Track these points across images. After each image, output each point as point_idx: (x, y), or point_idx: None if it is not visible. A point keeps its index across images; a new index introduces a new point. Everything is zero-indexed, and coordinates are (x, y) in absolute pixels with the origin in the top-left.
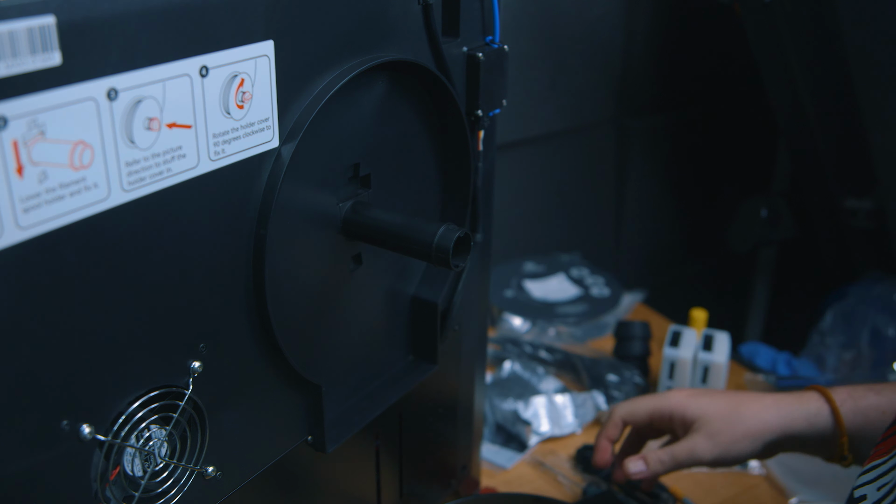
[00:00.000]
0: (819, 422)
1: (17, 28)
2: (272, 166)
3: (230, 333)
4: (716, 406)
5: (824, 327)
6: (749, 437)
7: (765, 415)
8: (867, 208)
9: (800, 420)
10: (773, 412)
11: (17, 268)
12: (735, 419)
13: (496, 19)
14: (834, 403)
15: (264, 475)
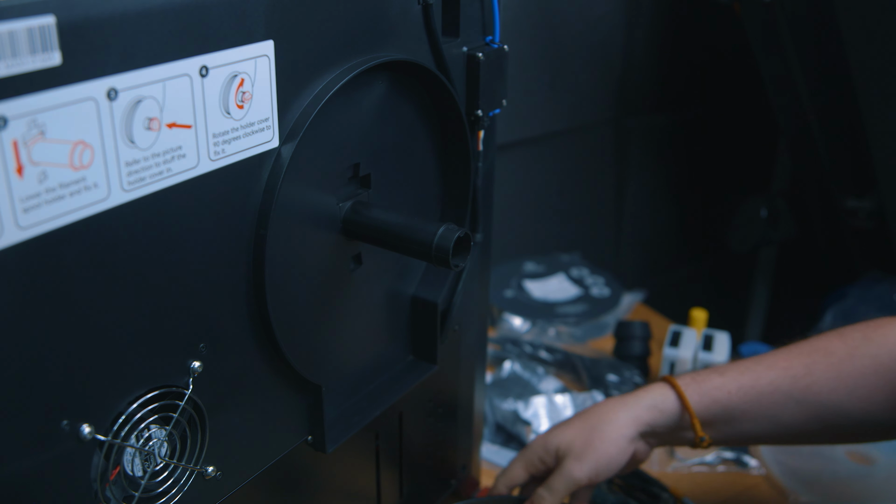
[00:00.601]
0: (667, 407)
1: (17, 28)
2: (272, 166)
3: (230, 333)
4: (572, 430)
5: (824, 327)
6: (610, 443)
7: (615, 416)
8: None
9: (648, 410)
10: (622, 411)
11: (17, 268)
12: (591, 433)
13: (496, 19)
14: (678, 388)
15: (264, 475)
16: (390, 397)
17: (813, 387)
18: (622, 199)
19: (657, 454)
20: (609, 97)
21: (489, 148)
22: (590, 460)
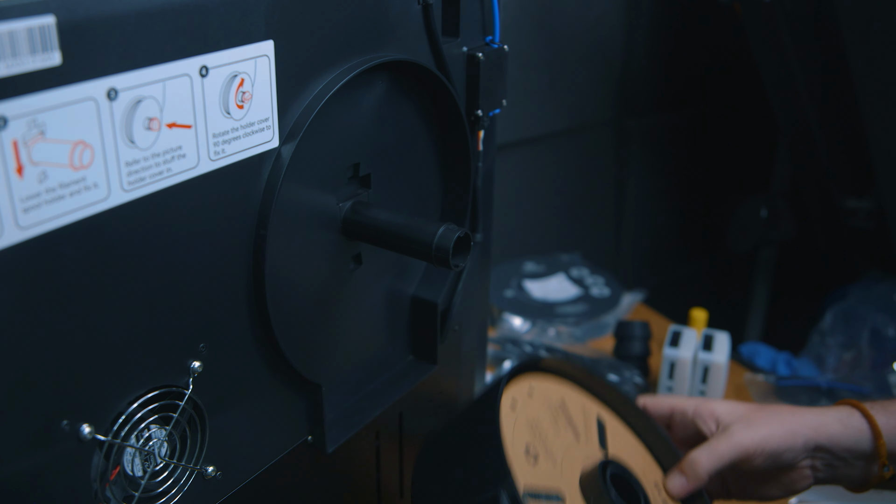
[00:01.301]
0: (853, 424)
1: (17, 28)
2: (272, 166)
3: (230, 333)
4: (744, 405)
5: (824, 327)
6: (786, 429)
7: (798, 412)
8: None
9: (833, 423)
10: (807, 413)
11: (17, 268)
12: (769, 411)
13: (496, 19)
14: (864, 408)
15: (264, 475)
16: (390, 397)
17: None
18: (622, 199)
19: None
20: (609, 97)
21: (489, 148)
22: (762, 433)
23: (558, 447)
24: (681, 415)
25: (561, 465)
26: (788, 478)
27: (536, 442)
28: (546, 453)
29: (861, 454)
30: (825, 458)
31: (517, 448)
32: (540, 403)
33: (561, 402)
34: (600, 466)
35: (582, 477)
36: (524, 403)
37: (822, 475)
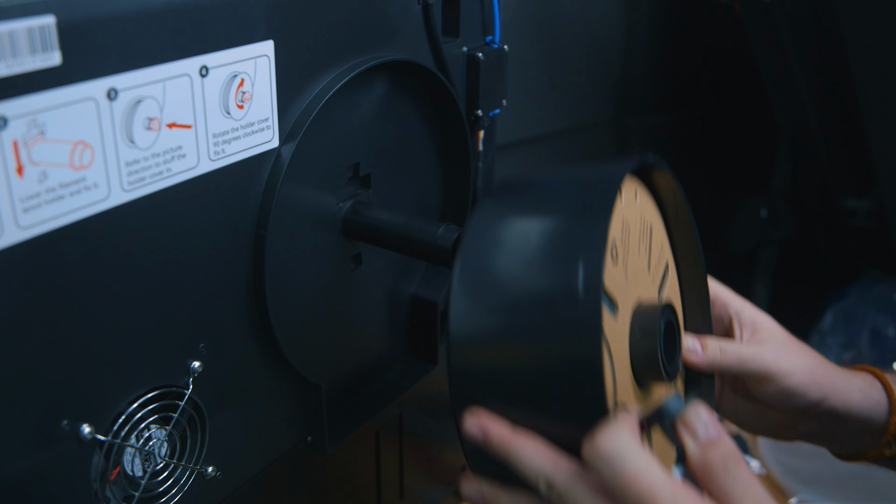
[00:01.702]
0: (873, 395)
1: (17, 28)
2: (272, 166)
3: (230, 333)
4: (784, 331)
5: (824, 327)
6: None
7: (829, 367)
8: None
9: (855, 391)
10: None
11: (17, 268)
12: (805, 351)
13: (496, 19)
14: (886, 381)
15: (264, 475)
16: (390, 397)
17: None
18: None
19: None
20: (609, 97)
21: (489, 148)
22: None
23: (633, 265)
24: (722, 306)
25: (629, 281)
26: (779, 419)
27: (621, 247)
28: (623, 263)
29: (869, 427)
30: (827, 420)
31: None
32: (636, 213)
33: (650, 226)
34: (663, 308)
35: (639, 306)
36: (627, 202)
37: (812, 434)
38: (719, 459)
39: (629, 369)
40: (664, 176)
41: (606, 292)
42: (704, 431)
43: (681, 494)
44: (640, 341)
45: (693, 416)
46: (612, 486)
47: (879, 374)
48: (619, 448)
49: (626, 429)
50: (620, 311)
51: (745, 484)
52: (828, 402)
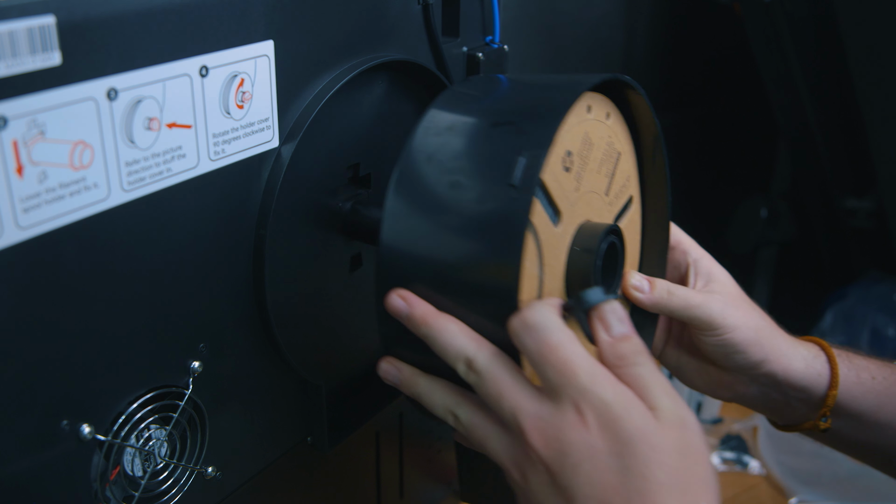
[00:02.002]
0: (815, 366)
1: (17, 28)
2: (272, 166)
3: (230, 333)
4: (739, 290)
5: (824, 327)
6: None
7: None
8: (867, 208)
9: (798, 360)
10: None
11: (17, 268)
12: (755, 312)
13: (496, 19)
14: (831, 354)
15: (264, 475)
16: (390, 397)
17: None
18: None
19: None
20: None
21: None
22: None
23: (588, 183)
24: (682, 253)
25: (579, 197)
26: (719, 377)
27: (578, 158)
28: (576, 176)
29: (807, 398)
30: (767, 384)
31: (561, 144)
32: (603, 134)
33: (618, 154)
34: (609, 228)
35: (585, 223)
36: (595, 119)
37: (751, 398)
38: (630, 352)
39: (562, 282)
40: (647, 115)
41: (550, 197)
42: (618, 326)
43: (599, 370)
44: (577, 255)
45: (609, 309)
46: (533, 355)
47: (826, 347)
48: (543, 321)
49: (550, 307)
50: (564, 223)
51: (654, 373)
52: (768, 364)
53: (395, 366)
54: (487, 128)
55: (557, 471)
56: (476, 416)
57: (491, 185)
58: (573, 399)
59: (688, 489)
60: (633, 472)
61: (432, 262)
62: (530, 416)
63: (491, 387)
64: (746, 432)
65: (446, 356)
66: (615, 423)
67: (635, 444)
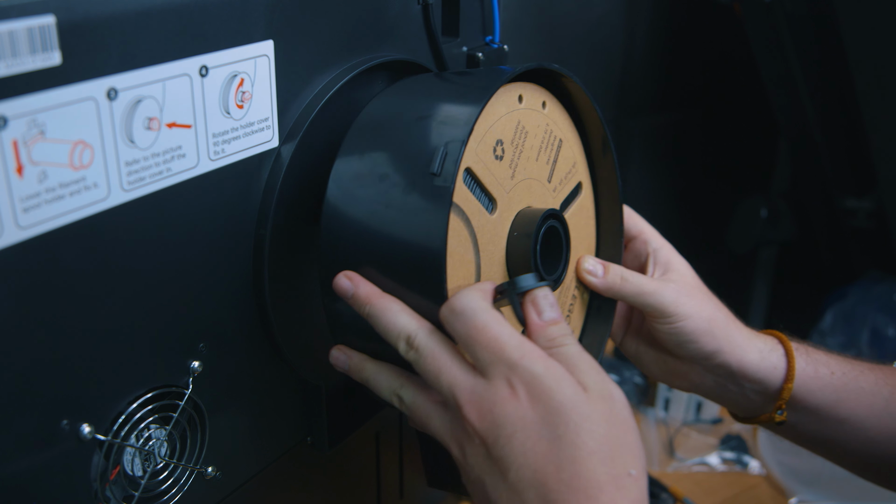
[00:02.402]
0: (771, 359)
1: (17, 28)
2: (272, 166)
3: (230, 333)
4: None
5: (824, 327)
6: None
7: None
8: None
9: (753, 352)
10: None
11: (17, 268)
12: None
13: (496, 19)
14: (789, 347)
15: (264, 475)
16: None
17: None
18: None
19: (657, 454)
20: (609, 97)
21: None
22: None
23: (525, 171)
24: (643, 243)
25: (515, 184)
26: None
27: (511, 147)
28: (510, 164)
29: (763, 390)
30: (722, 376)
31: (490, 133)
32: (541, 121)
33: (559, 141)
34: (547, 213)
35: (523, 210)
36: (529, 109)
37: (708, 388)
38: (559, 334)
39: (503, 267)
40: (585, 101)
41: (482, 185)
42: (549, 311)
43: (528, 345)
44: (515, 240)
45: (541, 295)
46: (463, 338)
47: (785, 340)
48: (470, 305)
49: (478, 291)
50: (500, 210)
51: (581, 353)
52: (722, 355)
53: (345, 353)
54: (413, 121)
55: (492, 442)
56: (418, 397)
57: (415, 175)
58: (504, 374)
59: (616, 456)
60: (564, 441)
61: (369, 252)
62: (466, 391)
63: (430, 363)
64: (746, 432)
65: (388, 335)
66: (546, 395)
67: (566, 413)
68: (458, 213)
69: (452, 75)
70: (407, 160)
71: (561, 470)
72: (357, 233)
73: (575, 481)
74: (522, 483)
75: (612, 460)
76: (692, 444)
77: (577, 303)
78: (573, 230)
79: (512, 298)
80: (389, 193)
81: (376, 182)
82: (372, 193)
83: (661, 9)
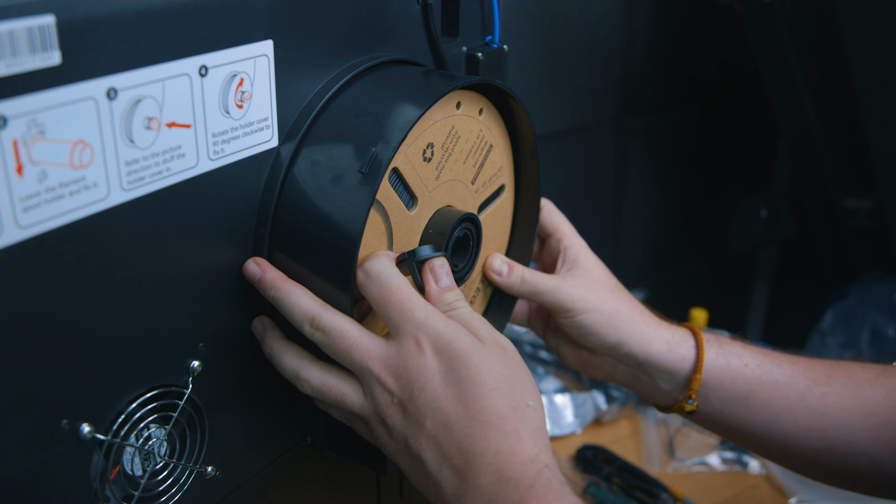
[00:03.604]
0: (679, 350)
1: (17, 28)
2: (271, 166)
3: (230, 333)
4: (608, 277)
5: (824, 327)
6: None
7: (638, 317)
8: (867, 208)
9: (660, 342)
10: (643, 321)
11: (17, 268)
12: (615, 296)
13: (496, 19)
14: (699, 337)
15: (264, 475)
16: None
17: (828, 397)
18: (622, 199)
19: (657, 454)
20: (609, 97)
21: None
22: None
23: (451, 172)
24: (557, 241)
25: (439, 185)
26: (590, 358)
27: (440, 150)
28: (437, 166)
29: (672, 381)
30: (632, 366)
31: (422, 137)
32: (474, 127)
33: (489, 146)
34: (464, 215)
35: (441, 209)
36: (465, 115)
37: (623, 378)
38: (455, 298)
39: None
40: (521, 113)
41: (406, 183)
42: (445, 279)
43: (431, 308)
44: (429, 236)
45: (439, 264)
46: (377, 299)
47: (697, 333)
48: (384, 269)
49: (386, 258)
50: (419, 207)
51: (474, 313)
52: (626, 346)
53: (263, 324)
54: (353, 118)
55: (407, 398)
56: (329, 377)
57: (346, 168)
58: (412, 333)
59: (514, 391)
60: (467, 382)
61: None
62: (380, 359)
63: (339, 342)
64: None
65: (293, 318)
66: (449, 346)
67: (466, 358)
68: (379, 209)
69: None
70: (341, 153)
71: (468, 407)
72: (291, 209)
73: (481, 415)
74: (437, 427)
75: (511, 395)
76: (692, 444)
77: (479, 296)
78: (489, 228)
79: (412, 266)
80: (321, 182)
81: (309, 167)
82: (307, 178)
83: (661, 9)
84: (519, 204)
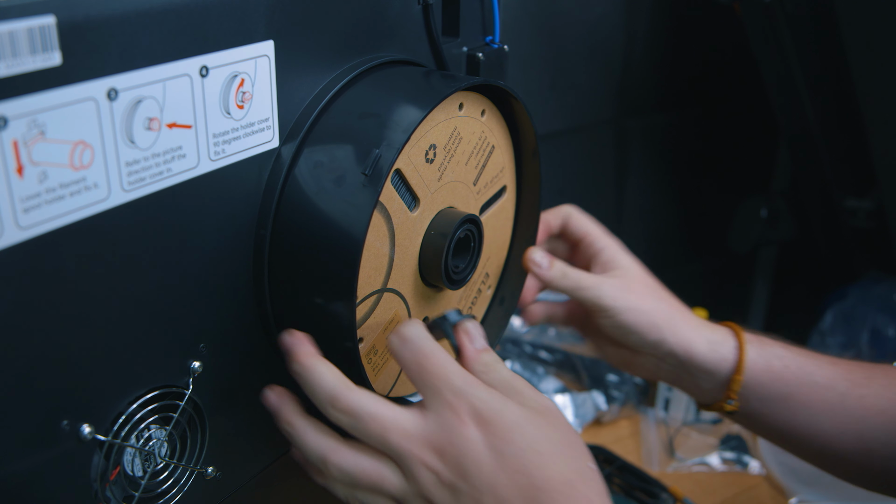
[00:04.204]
0: (721, 351)
1: (17, 28)
2: (272, 166)
3: (230, 334)
4: (644, 276)
5: (824, 327)
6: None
7: (678, 315)
8: (867, 208)
9: (702, 343)
10: (684, 319)
11: (17, 268)
12: (656, 294)
13: (496, 19)
14: (741, 336)
15: (264, 475)
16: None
17: (866, 399)
18: (622, 199)
19: (657, 454)
20: (609, 97)
21: None
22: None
23: (453, 174)
24: (588, 245)
25: (441, 186)
26: (631, 357)
27: (443, 151)
28: (439, 167)
29: (714, 380)
30: (674, 366)
31: (425, 138)
32: (476, 128)
33: (491, 147)
34: (466, 217)
35: (443, 210)
36: (467, 116)
37: (666, 377)
38: (493, 360)
39: (415, 262)
40: (523, 114)
41: (409, 185)
42: (480, 340)
43: (469, 376)
44: (431, 238)
45: (473, 326)
46: (411, 365)
47: (739, 332)
48: (417, 334)
49: (417, 323)
50: (421, 208)
51: (514, 375)
52: (667, 345)
53: (278, 395)
54: (355, 119)
55: (457, 477)
56: (362, 460)
57: (349, 170)
58: (450, 402)
59: (573, 455)
60: (527, 452)
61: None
62: (420, 438)
63: (371, 425)
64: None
65: (315, 397)
66: (497, 416)
67: (521, 428)
68: (381, 211)
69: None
70: (344, 155)
71: (532, 478)
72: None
73: (548, 484)
74: (497, 502)
75: (573, 459)
76: (692, 444)
77: (480, 297)
78: (490, 230)
79: (447, 329)
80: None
81: (311, 168)
82: (309, 179)
83: (661, 9)
84: (520, 205)
